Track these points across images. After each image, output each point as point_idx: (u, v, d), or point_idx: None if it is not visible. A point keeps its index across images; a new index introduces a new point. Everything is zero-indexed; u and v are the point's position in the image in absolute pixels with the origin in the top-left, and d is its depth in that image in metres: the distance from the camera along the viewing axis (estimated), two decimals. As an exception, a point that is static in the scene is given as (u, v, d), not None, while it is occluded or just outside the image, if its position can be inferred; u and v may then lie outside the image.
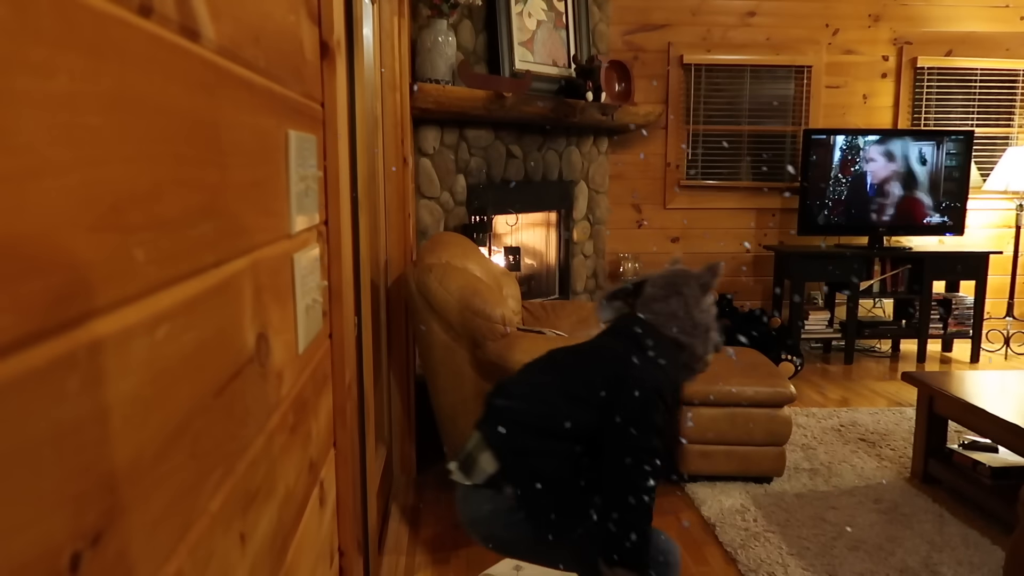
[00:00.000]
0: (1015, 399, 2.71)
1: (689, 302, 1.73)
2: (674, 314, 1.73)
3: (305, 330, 0.93)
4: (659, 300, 1.75)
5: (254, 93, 0.73)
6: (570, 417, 1.62)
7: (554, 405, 1.65)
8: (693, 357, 1.75)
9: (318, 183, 1.04)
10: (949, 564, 2.34)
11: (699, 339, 1.73)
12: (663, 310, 1.74)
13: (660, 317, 1.74)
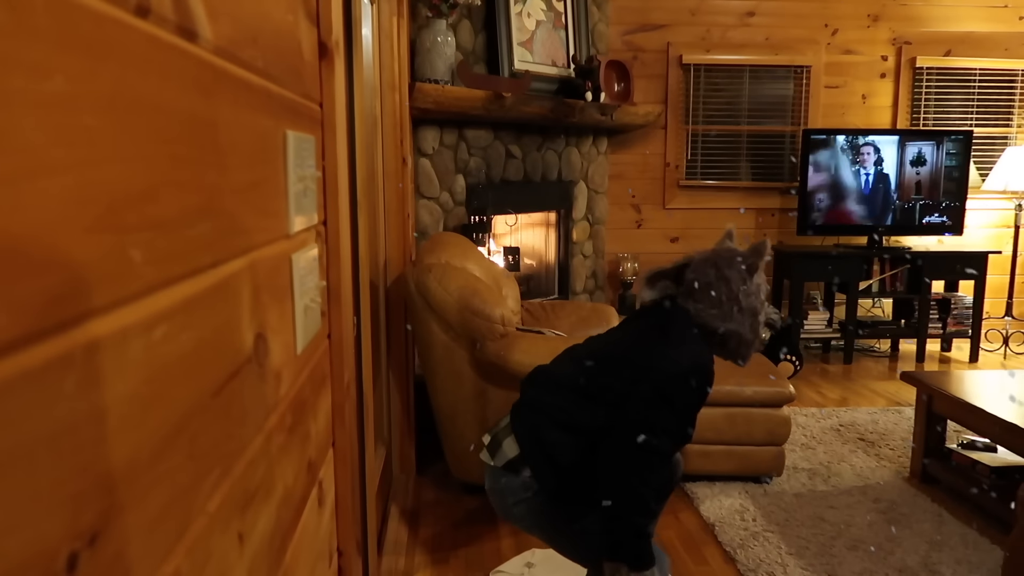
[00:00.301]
0: (1015, 398, 2.71)
1: (733, 286, 1.67)
2: (717, 301, 1.67)
3: (304, 330, 0.94)
4: (702, 286, 1.69)
5: (252, 93, 0.73)
6: (591, 415, 1.63)
7: (576, 402, 1.66)
8: (740, 343, 1.70)
9: (317, 183, 1.04)
10: (948, 563, 2.34)
11: (744, 324, 1.68)
12: (704, 298, 1.68)
13: (701, 305, 1.68)
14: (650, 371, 1.61)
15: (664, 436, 1.55)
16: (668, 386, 1.57)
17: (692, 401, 1.61)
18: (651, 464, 1.55)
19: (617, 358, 1.69)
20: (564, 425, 1.65)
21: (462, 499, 2.83)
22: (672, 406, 1.57)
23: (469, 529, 2.61)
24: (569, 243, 4.58)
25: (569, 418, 1.65)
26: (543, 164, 4.28)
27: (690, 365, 1.61)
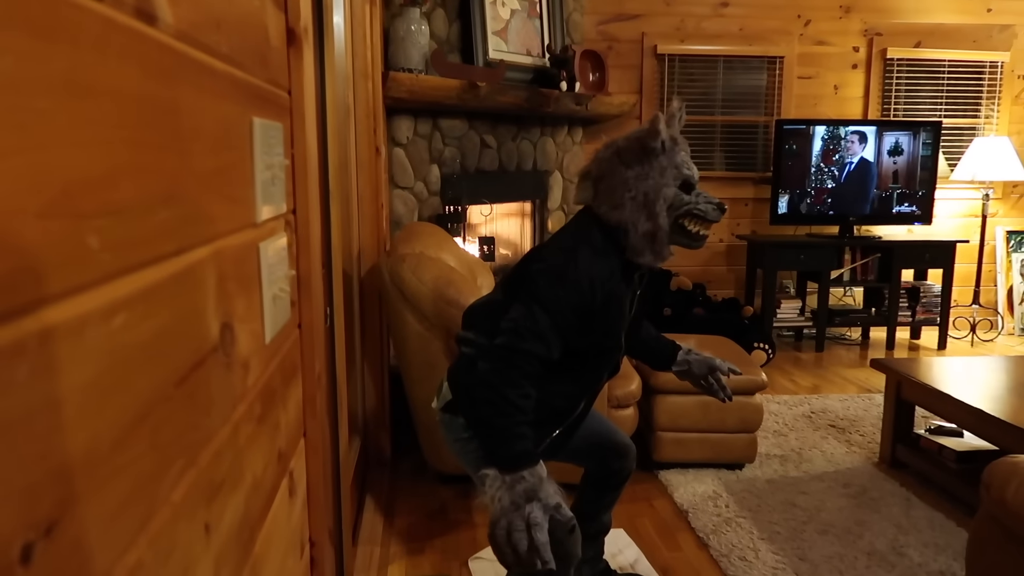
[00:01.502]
0: (980, 384, 2.76)
1: (628, 172, 1.54)
2: (609, 189, 1.54)
3: (272, 320, 0.93)
4: (598, 176, 1.58)
5: (216, 79, 0.72)
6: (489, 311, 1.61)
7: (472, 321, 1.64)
8: (637, 235, 1.54)
9: (285, 171, 1.03)
10: (915, 546, 2.39)
11: (638, 213, 1.53)
12: (604, 187, 1.56)
13: (600, 196, 1.57)
14: (528, 262, 1.58)
15: (530, 338, 1.46)
16: (534, 281, 1.52)
17: (565, 300, 1.50)
18: (513, 362, 1.45)
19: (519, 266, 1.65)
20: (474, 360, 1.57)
21: (438, 489, 2.83)
22: (538, 302, 1.48)
23: (445, 519, 2.61)
24: (544, 233, 4.58)
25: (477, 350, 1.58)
26: (518, 154, 4.28)
27: (567, 257, 1.53)
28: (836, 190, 4.91)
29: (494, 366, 1.46)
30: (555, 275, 1.51)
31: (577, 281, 1.51)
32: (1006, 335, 5.30)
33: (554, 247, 1.60)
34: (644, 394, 2.88)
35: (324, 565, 1.23)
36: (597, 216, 1.58)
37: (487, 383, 1.45)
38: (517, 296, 1.52)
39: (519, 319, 1.47)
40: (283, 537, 0.99)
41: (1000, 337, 5.25)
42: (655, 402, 2.90)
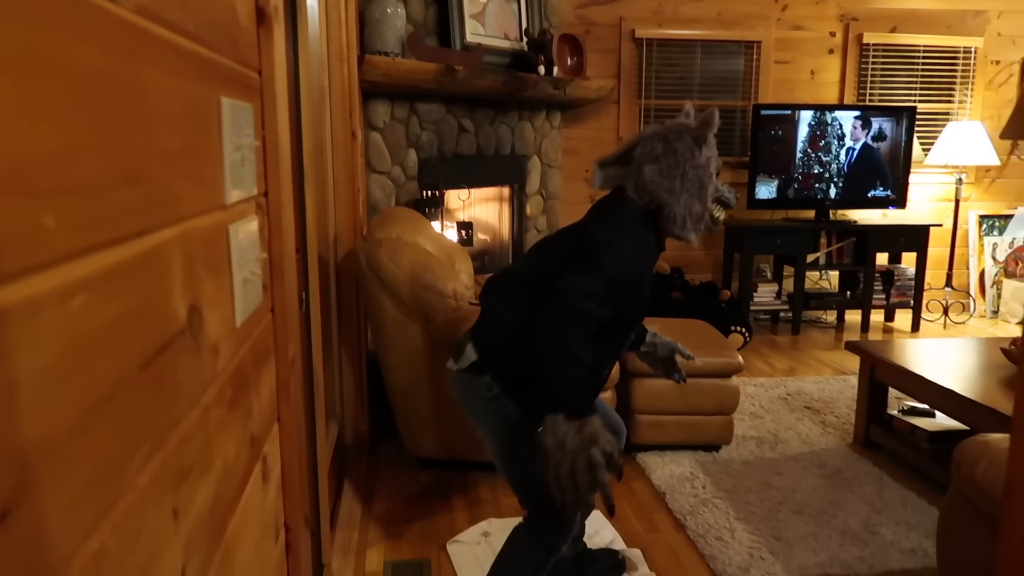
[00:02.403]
0: (952, 366, 2.81)
1: (680, 157, 1.70)
2: (663, 172, 1.70)
3: (243, 303, 0.92)
4: (649, 159, 1.72)
5: (181, 57, 0.71)
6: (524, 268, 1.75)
7: (528, 299, 1.68)
8: (687, 216, 1.71)
9: (256, 153, 1.01)
10: (888, 525, 2.43)
11: (692, 197, 1.71)
12: (650, 174, 1.71)
13: (648, 179, 1.71)
14: (585, 238, 1.68)
15: (590, 300, 1.55)
16: (596, 251, 1.62)
17: (621, 271, 1.62)
18: (578, 322, 1.54)
19: (558, 241, 1.76)
20: (516, 327, 1.66)
21: (416, 474, 2.83)
22: (600, 271, 1.59)
23: (424, 503, 2.61)
24: (523, 218, 4.58)
25: (520, 319, 1.66)
26: (496, 138, 4.26)
27: (621, 233, 1.67)
28: (805, 175, 4.94)
29: (562, 324, 1.54)
30: (616, 247, 1.65)
31: (633, 253, 1.68)
32: (977, 317, 5.38)
33: (610, 222, 1.71)
34: (622, 378, 2.90)
35: (300, 550, 1.23)
36: (632, 201, 1.72)
37: (558, 339, 1.53)
38: (577, 264, 1.62)
39: (581, 284, 1.58)
40: (257, 522, 0.99)
41: (972, 319, 5.33)
42: (633, 385, 2.91)
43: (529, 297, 1.67)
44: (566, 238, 1.76)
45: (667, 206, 1.70)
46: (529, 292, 1.69)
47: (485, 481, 2.76)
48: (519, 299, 1.69)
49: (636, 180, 1.73)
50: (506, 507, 2.57)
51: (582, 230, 1.73)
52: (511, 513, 2.53)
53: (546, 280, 1.65)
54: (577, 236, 1.73)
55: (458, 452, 2.79)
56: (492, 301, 1.77)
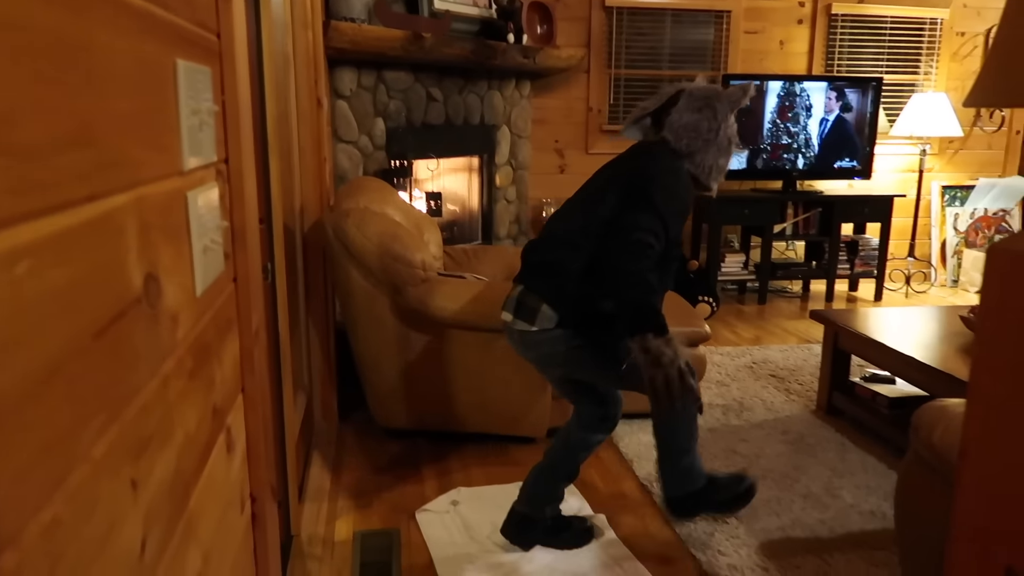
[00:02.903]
0: (912, 334, 2.87)
1: (719, 116, 1.94)
2: (695, 126, 1.93)
3: (203, 272, 0.90)
4: (688, 111, 1.95)
5: (132, 16, 0.68)
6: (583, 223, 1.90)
7: (583, 246, 1.87)
8: (714, 168, 1.97)
9: (215, 119, 0.99)
10: (848, 488, 2.49)
11: (721, 152, 1.96)
12: (688, 123, 1.93)
13: (680, 130, 1.94)
14: (633, 180, 1.88)
15: (650, 234, 1.77)
16: (649, 189, 1.83)
17: (671, 205, 1.84)
18: (645, 254, 1.75)
19: (606, 188, 1.94)
20: (582, 273, 1.86)
21: (385, 444, 2.83)
22: (654, 207, 1.80)
23: (393, 473, 2.62)
24: (492, 188, 4.55)
25: (583, 264, 1.86)
26: (465, 108, 4.21)
27: (669, 169, 1.91)
28: (773, 145, 4.97)
29: (633, 257, 1.76)
30: (671, 191, 1.87)
31: (683, 197, 1.91)
32: (938, 286, 5.49)
33: (654, 163, 1.92)
34: (591, 347, 2.92)
35: (267, 520, 1.22)
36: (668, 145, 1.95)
37: (633, 271, 1.75)
38: (633, 203, 1.83)
39: (641, 221, 1.79)
40: (221, 493, 0.98)
41: (933, 288, 5.44)
42: (601, 355, 2.93)
43: (588, 244, 1.86)
44: (611, 184, 1.93)
45: (699, 153, 1.94)
46: (586, 240, 1.87)
47: (454, 451, 2.77)
48: (581, 248, 1.87)
49: (676, 126, 1.94)
50: (475, 476, 2.59)
51: (629, 172, 1.92)
52: (480, 482, 2.55)
53: (602, 227, 1.85)
54: (625, 178, 1.91)
55: (427, 422, 2.79)
56: (556, 255, 1.92)
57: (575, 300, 1.88)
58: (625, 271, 1.74)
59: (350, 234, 2.61)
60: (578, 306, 1.88)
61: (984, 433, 0.78)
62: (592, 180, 2.03)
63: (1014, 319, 0.70)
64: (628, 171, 1.93)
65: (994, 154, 5.65)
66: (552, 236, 1.98)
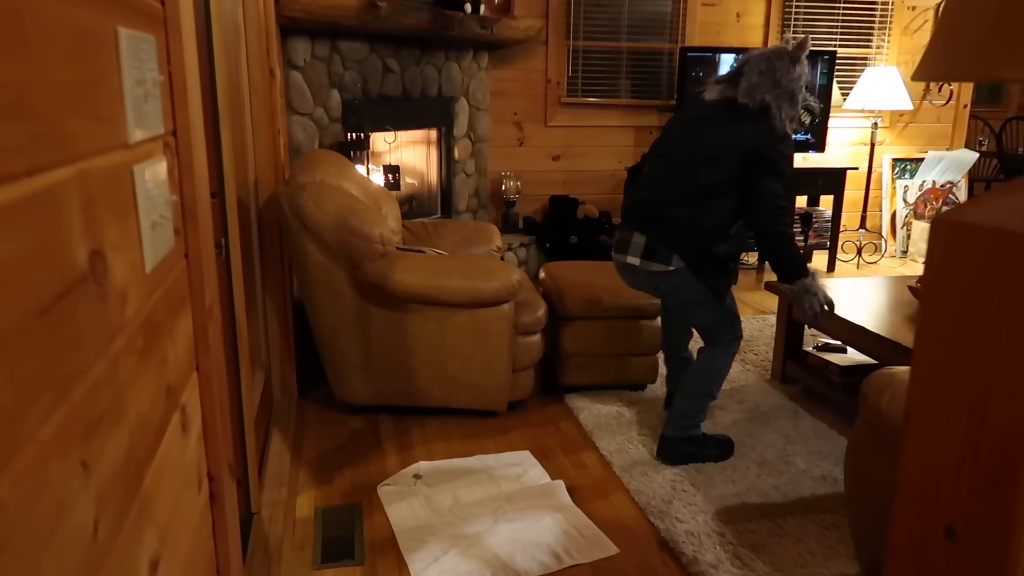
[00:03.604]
0: (863, 304, 2.94)
1: (778, 72, 2.30)
2: (761, 85, 2.30)
3: (152, 248, 0.88)
4: (753, 75, 2.32)
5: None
6: (720, 209, 2.31)
7: (703, 204, 2.31)
8: (781, 115, 2.31)
9: (161, 89, 0.96)
10: (801, 455, 2.56)
11: (786, 101, 2.31)
12: (757, 82, 2.31)
13: (752, 91, 2.31)
14: (753, 150, 2.26)
15: (783, 198, 2.28)
16: (773, 157, 2.26)
17: (789, 163, 2.30)
18: (784, 216, 2.30)
19: (721, 155, 2.30)
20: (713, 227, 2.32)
21: (346, 420, 2.82)
22: (781, 174, 2.27)
23: (354, 448, 2.61)
24: (451, 161, 4.52)
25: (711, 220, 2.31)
26: (422, 79, 4.16)
27: (781, 136, 2.30)
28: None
29: (779, 220, 2.30)
30: (787, 156, 2.30)
31: (790, 154, 2.32)
32: (889, 257, 5.63)
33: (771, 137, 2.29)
34: (551, 321, 2.93)
35: (225, 499, 1.21)
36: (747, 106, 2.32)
37: (783, 234, 2.33)
38: (764, 172, 2.26)
39: (779, 190, 2.28)
40: (177, 472, 0.96)
41: (883, 259, 5.57)
42: (561, 328, 2.95)
43: (710, 203, 2.30)
44: (726, 150, 2.29)
45: (771, 106, 2.30)
46: (709, 199, 2.30)
47: (416, 425, 2.77)
48: (704, 207, 2.31)
49: (748, 87, 2.32)
50: (436, 450, 2.60)
51: (745, 141, 2.27)
52: (442, 455, 2.56)
53: (722, 187, 2.29)
54: (741, 148, 2.27)
55: (388, 397, 2.79)
56: (682, 213, 2.32)
57: (698, 248, 2.32)
58: (775, 233, 2.30)
59: (306, 208, 2.57)
60: (699, 252, 2.32)
61: (927, 398, 0.80)
62: (694, 142, 2.37)
63: (956, 288, 0.72)
64: (743, 140, 2.28)
65: (942, 127, 5.78)
66: (670, 194, 2.35)
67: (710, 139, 2.33)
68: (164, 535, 0.88)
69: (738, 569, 1.95)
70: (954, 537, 0.73)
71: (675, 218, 2.33)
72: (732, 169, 2.27)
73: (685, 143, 2.38)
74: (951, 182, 5.61)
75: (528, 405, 2.94)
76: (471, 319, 2.66)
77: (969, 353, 0.71)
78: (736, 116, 2.33)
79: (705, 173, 2.29)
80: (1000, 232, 0.69)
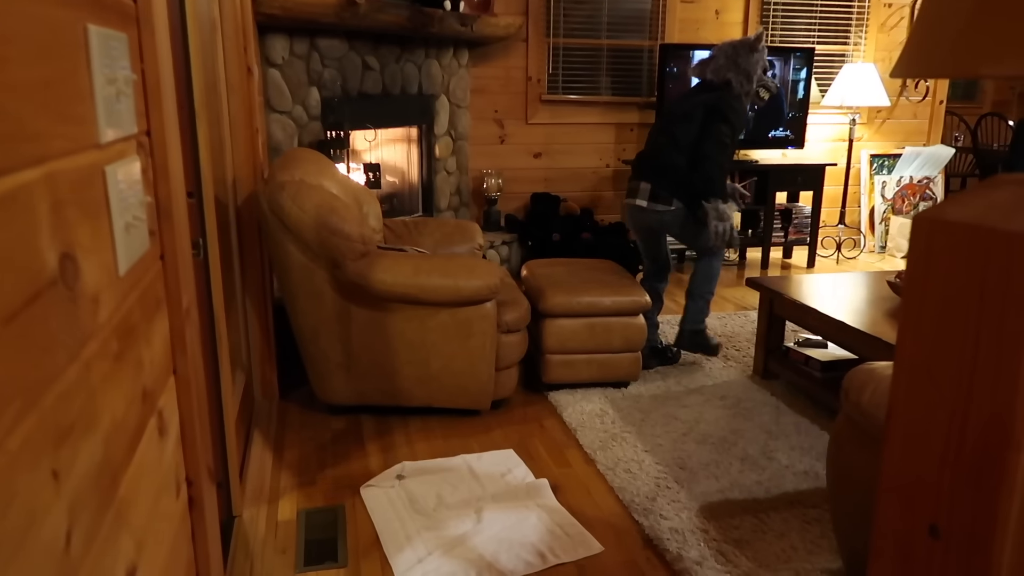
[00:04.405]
0: (843, 299, 2.96)
1: (740, 58, 3.07)
2: (726, 66, 3.08)
3: (126, 250, 0.86)
4: (720, 59, 3.11)
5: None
6: (683, 136, 3.08)
7: (673, 136, 3.10)
8: (740, 90, 3.08)
9: (134, 88, 0.94)
10: (783, 450, 2.57)
11: (744, 78, 3.08)
12: (723, 64, 3.10)
13: (718, 71, 3.11)
14: (710, 108, 3.05)
15: (726, 136, 3.03)
16: (723, 110, 3.03)
17: (738, 116, 3.06)
18: (724, 151, 3.05)
19: (693, 112, 3.08)
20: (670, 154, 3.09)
21: (328, 420, 2.80)
22: (729, 121, 3.03)
23: (336, 450, 2.59)
24: (432, 159, 4.50)
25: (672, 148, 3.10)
26: (402, 77, 4.14)
27: (729, 97, 3.07)
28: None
29: (721, 153, 3.05)
30: (734, 110, 3.05)
31: (740, 111, 3.09)
32: (867, 252, 5.68)
33: (723, 100, 3.07)
34: (533, 318, 2.92)
35: (204, 503, 1.20)
36: (713, 82, 3.14)
37: (715, 160, 3.03)
38: (716, 120, 3.04)
39: (723, 129, 3.03)
40: (154, 478, 0.95)
41: (862, 255, 5.62)
42: (543, 326, 2.95)
43: (689, 151, 3.06)
44: (695, 110, 3.08)
45: (731, 81, 3.07)
46: (689, 148, 3.07)
47: (398, 425, 2.76)
48: (686, 154, 3.07)
49: (715, 67, 3.11)
50: (419, 450, 2.59)
51: (705, 103, 3.07)
52: (425, 455, 2.54)
53: (696, 137, 3.05)
54: (704, 108, 3.06)
55: (370, 397, 2.77)
56: (672, 161, 3.07)
57: (686, 187, 3.04)
58: (710, 158, 3.00)
59: (286, 207, 2.55)
60: (688, 191, 3.04)
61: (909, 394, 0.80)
62: (675, 109, 3.18)
63: (937, 285, 0.72)
64: (704, 103, 3.07)
65: (919, 123, 5.83)
66: (663, 147, 3.11)
67: (687, 104, 3.14)
68: (141, 542, 0.87)
69: (722, 565, 1.96)
70: (937, 535, 0.73)
71: (668, 165, 3.08)
72: (700, 123, 3.05)
73: (673, 109, 3.20)
74: (928, 178, 5.67)
75: (511, 403, 2.94)
76: (453, 318, 2.64)
77: (951, 349, 0.71)
78: (707, 88, 3.13)
79: (684, 127, 3.07)
80: (979, 229, 0.69)
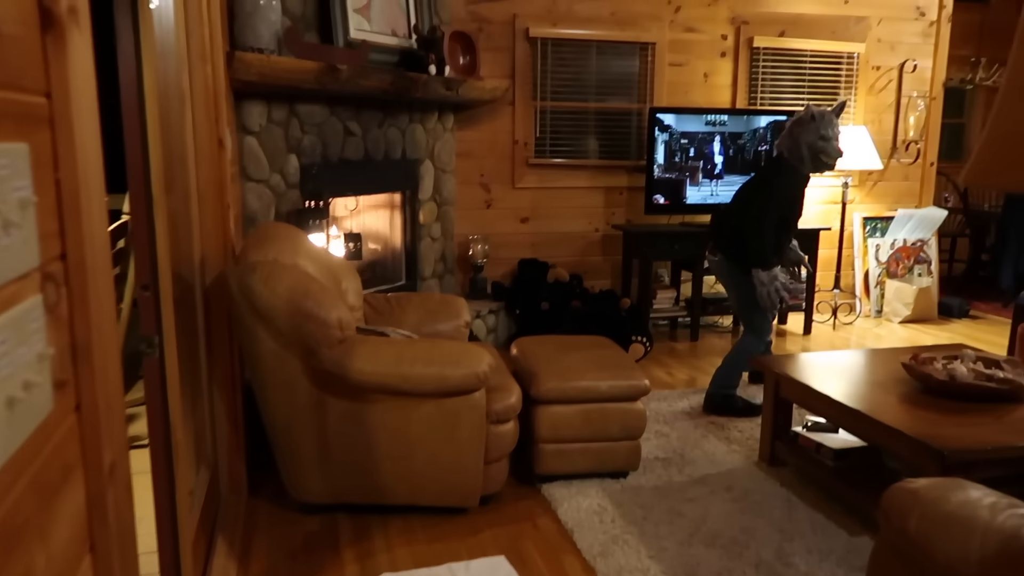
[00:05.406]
0: (855, 382, 2.77)
1: (794, 131, 3.34)
2: (783, 139, 3.37)
3: (8, 431, 0.65)
4: (785, 132, 3.38)
5: None
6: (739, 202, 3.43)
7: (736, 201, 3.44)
8: (797, 159, 3.34)
9: (35, 209, 0.74)
10: (800, 553, 2.35)
11: (794, 146, 3.33)
12: (782, 137, 3.38)
13: (780, 143, 3.39)
14: (760, 184, 3.38)
15: (766, 210, 3.27)
16: (771, 188, 3.32)
17: (784, 192, 3.34)
18: (763, 223, 3.26)
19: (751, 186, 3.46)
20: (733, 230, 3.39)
21: (300, 521, 2.55)
22: (772, 196, 3.29)
23: (308, 557, 2.34)
24: (416, 225, 4.32)
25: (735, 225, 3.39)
26: (385, 142, 3.99)
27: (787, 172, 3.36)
28: (701, 178, 4.92)
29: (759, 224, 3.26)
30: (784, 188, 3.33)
31: (789, 188, 3.37)
32: (863, 317, 5.53)
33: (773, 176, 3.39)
34: (524, 405, 2.70)
35: None
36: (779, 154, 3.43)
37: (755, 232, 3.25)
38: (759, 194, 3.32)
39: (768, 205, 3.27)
40: None
41: (859, 320, 5.47)
42: (536, 413, 2.73)
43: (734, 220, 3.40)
44: (752, 189, 3.40)
45: (784, 153, 3.37)
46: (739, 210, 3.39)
47: (378, 527, 2.51)
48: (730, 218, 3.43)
49: (779, 141, 3.40)
50: (400, 556, 2.34)
51: (760, 180, 3.41)
52: (407, 563, 2.30)
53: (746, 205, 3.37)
54: (758, 184, 3.39)
55: (346, 495, 2.53)
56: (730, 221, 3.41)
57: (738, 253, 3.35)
58: (749, 229, 3.26)
59: (256, 290, 2.34)
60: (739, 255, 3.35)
61: None
62: (745, 185, 3.49)
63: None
64: (760, 176, 3.44)
65: (910, 185, 5.76)
66: (724, 212, 3.48)
67: (752, 180, 3.49)
68: None
69: None
70: None
71: (725, 226, 3.44)
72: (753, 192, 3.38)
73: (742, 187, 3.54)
74: (922, 240, 5.57)
75: (501, 498, 2.70)
76: (439, 409, 2.43)
77: None
78: (768, 161, 3.40)
79: (747, 204, 3.34)
80: None
